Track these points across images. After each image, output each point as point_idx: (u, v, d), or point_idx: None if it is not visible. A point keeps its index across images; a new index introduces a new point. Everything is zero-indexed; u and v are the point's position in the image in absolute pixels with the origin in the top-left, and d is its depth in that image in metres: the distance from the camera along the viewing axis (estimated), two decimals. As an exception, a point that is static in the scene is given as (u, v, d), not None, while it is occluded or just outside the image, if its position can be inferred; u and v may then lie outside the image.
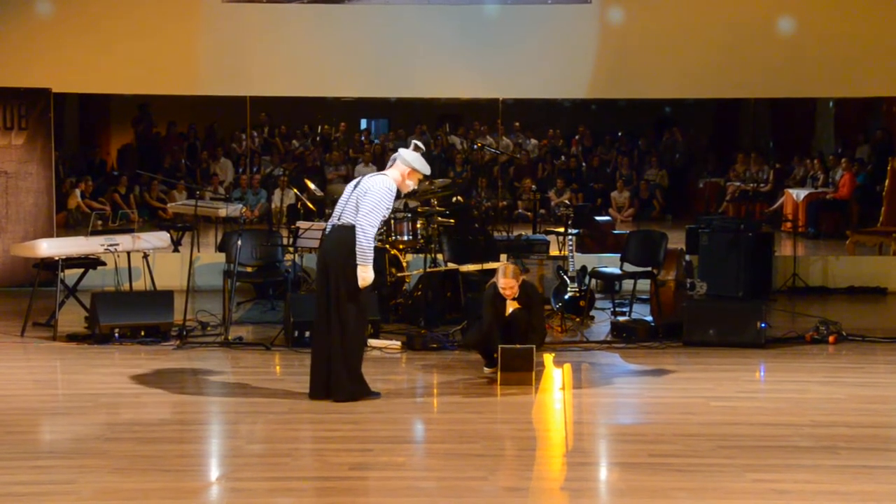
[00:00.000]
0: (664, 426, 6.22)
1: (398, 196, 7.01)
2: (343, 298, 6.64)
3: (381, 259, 7.18)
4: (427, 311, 9.08)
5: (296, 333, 8.45)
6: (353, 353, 6.75)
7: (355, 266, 6.60)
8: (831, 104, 13.89)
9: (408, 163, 6.76)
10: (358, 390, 6.73)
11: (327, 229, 6.89)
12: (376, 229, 6.70)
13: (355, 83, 12.61)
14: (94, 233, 9.14)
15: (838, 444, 5.82)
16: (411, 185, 6.85)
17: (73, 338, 8.71)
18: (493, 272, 9.76)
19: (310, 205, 10.60)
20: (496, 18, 12.45)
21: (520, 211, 14.64)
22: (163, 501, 4.89)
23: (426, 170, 6.84)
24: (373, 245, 6.66)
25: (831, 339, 8.79)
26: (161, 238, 9.70)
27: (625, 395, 7.03)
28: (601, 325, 9.46)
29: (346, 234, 6.63)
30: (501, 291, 7.38)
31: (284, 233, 11.15)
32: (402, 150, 6.86)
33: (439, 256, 9.82)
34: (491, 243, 10.39)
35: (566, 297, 9.55)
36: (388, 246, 9.71)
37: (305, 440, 6.02)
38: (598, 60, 12.44)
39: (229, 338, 8.55)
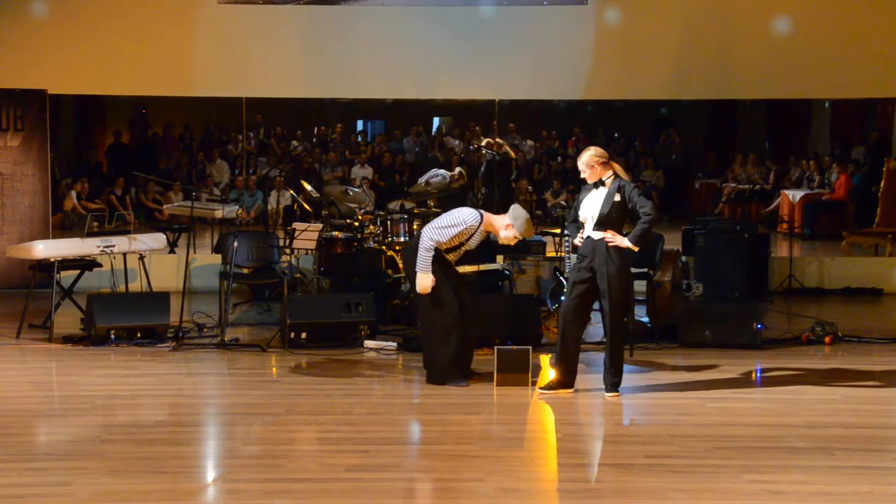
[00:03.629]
0: (660, 427, 6.22)
1: (510, 246, 7.56)
2: (418, 301, 7.34)
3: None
4: (418, 319, 9.07)
5: (292, 335, 8.45)
6: (431, 346, 7.30)
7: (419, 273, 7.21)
8: (827, 105, 13.90)
9: (511, 220, 7.24)
10: (440, 378, 7.24)
11: None
12: (436, 244, 7.19)
13: (351, 84, 12.61)
14: (90, 234, 9.13)
15: (834, 445, 5.82)
16: (506, 234, 7.27)
17: (69, 339, 8.71)
18: (489, 273, 9.79)
19: (306, 206, 10.60)
20: (492, 19, 12.46)
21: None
22: (159, 503, 4.88)
23: (521, 226, 7.23)
24: (430, 255, 7.16)
25: (827, 339, 8.81)
26: (157, 239, 9.69)
27: (621, 395, 7.01)
28: (597, 326, 9.44)
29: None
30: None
31: (281, 234, 11.14)
32: (513, 207, 7.34)
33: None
34: (487, 244, 10.37)
35: (563, 298, 9.53)
36: (384, 247, 9.72)
37: (302, 441, 6.02)
38: (594, 62, 12.44)
39: (225, 339, 8.55)
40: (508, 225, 7.25)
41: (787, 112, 14.13)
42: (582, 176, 7.01)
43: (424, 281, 7.15)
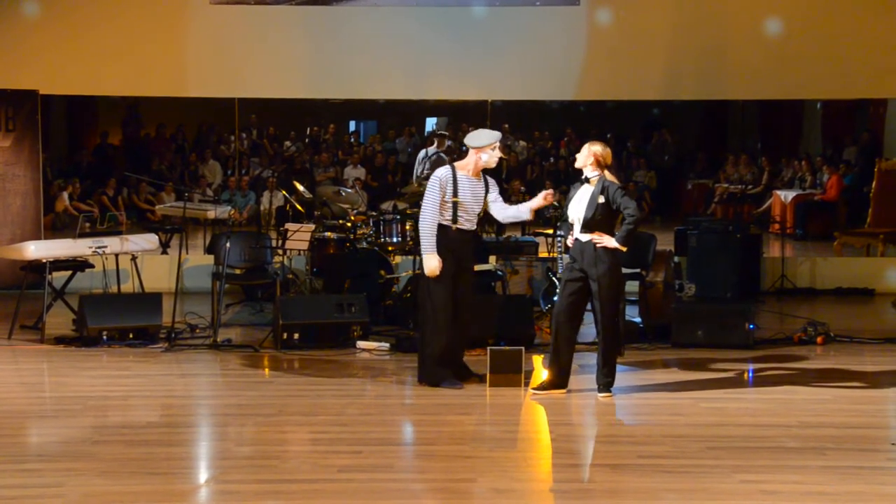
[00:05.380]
0: (653, 427, 6.23)
1: (496, 171, 7.50)
2: (421, 290, 7.24)
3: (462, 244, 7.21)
4: (416, 313, 9.07)
5: (284, 336, 8.45)
6: (428, 342, 7.15)
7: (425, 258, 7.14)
8: (819, 106, 13.92)
9: (470, 144, 7.18)
10: (435, 375, 7.15)
11: None
12: (431, 218, 7.06)
13: (344, 85, 12.61)
14: (82, 235, 9.11)
15: (826, 445, 5.84)
16: (487, 157, 7.15)
17: (60, 340, 8.69)
18: (481, 274, 9.79)
19: (298, 207, 10.59)
20: (484, 20, 12.47)
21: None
22: (151, 504, 4.88)
23: (485, 138, 7.15)
24: (430, 235, 7.05)
25: (819, 339, 8.83)
26: (149, 240, 9.67)
27: (613, 396, 7.02)
28: (590, 326, 9.43)
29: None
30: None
31: (273, 235, 11.13)
32: (467, 138, 7.25)
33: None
34: (479, 245, 10.38)
35: (556, 298, 9.54)
36: (376, 248, 9.72)
37: (294, 442, 6.01)
38: (586, 62, 12.45)
39: (218, 340, 8.54)
40: (475, 151, 7.14)
41: (779, 112, 14.14)
42: (576, 155, 7.06)
43: (431, 262, 7.05)
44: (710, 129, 15.15)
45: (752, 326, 8.62)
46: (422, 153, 12.21)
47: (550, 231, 10.16)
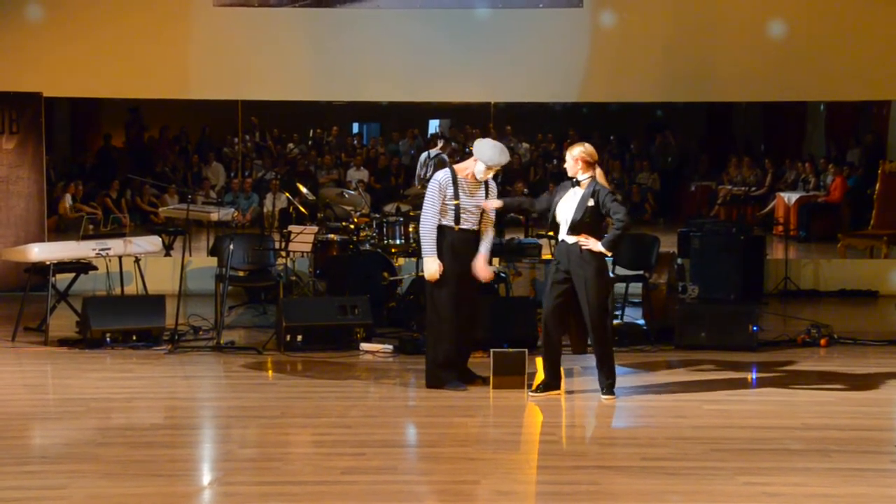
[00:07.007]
0: (656, 429, 6.23)
1: (495, 178, 7.39)
2: (427, 293, 7.20)
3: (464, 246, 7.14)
4: (419, 315, 9.08)
5: (287, 338, 8.45)
6: (434, 344, 7.14)
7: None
8: (822, 108, 13.91)
9: (474, 152, 7.12)
10: (439, 378, 7.13)
11: None
12: (431, 221, 7.07)
13: (347, 87, 12.62)
14: (86, 237, 9.11)
15: (830, 447, 5.83)
16: (481, 169, 7.09)
17: (64, 342, 8.70)
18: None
19: (301, 209, 10.60)
20: (487, 22, 12.47)
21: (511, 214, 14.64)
22: (154, 506, 4.88)
23: (487, 155, 7.03)
24: (432, 237, 7.06)
25: (823, 341, 8.82)
26: (153, 242, 9.68)
27: (617, 398, 7.02)
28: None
29: None
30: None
31: (276, 237, 11.13)
32: (476, 142, 7.18)
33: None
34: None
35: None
36: (379, 250, 9.73)
37: (297, 444, 6.02)
38: (589, 64, 12.46)
39: (221, 342, 8.54)
40: (475, 160, 7.11)
41: (782, 114, 14.14)
42: (565, 165, 6.98)
43: (431, 265, 7.04)
44: (714, 131, 15.14)
45: (755, 328, 8.61)
46: (423, 155, 12.21)
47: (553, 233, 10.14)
